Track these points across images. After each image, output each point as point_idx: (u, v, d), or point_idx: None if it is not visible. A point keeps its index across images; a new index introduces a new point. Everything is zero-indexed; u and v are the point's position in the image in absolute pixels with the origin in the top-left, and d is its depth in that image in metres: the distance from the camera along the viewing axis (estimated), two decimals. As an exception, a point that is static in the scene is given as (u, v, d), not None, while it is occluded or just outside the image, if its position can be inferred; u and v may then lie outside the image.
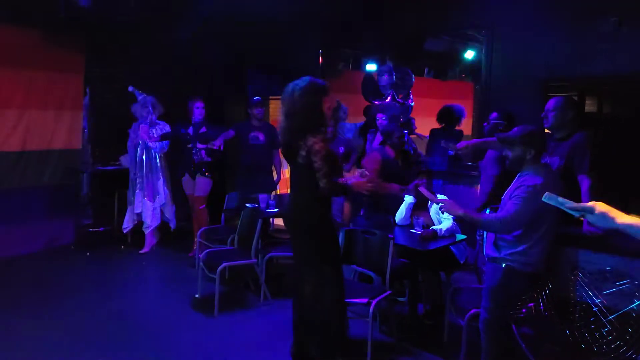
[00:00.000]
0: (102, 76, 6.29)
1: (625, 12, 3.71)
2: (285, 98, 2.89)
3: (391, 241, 3.38)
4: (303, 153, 2.78)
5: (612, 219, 1.33)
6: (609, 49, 3.80)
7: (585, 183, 3.00)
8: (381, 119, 5.04)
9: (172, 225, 5.87)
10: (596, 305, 2.41)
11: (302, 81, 2.88)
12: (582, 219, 1.43)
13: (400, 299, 4.09)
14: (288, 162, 3.05)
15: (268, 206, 4.54)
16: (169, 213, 5.79)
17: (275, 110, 8.15)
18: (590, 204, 1.41)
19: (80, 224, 6.14)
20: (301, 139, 2.78)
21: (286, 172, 7.27)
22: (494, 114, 4.04)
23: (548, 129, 3.21)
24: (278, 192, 6.03)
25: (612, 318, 2.33)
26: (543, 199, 1.58)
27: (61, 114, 5.82)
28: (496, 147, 3.59)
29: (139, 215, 5.67)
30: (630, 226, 1.26)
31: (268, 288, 4.30)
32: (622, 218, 1.30)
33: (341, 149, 5.08)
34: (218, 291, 3.99)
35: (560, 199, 1.49)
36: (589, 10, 3.91)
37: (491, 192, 3.70)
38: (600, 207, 1.38)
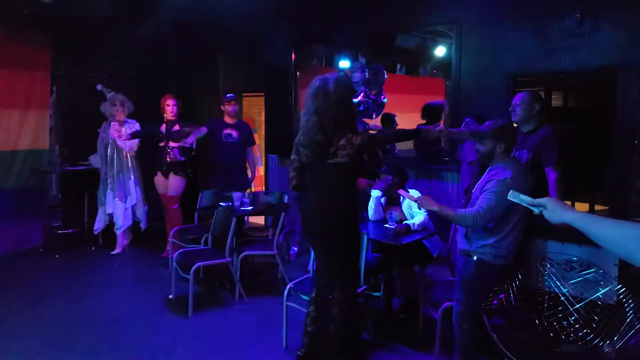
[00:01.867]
0: (70, 74, 6.14)
1: (587, 8, 3.81)
2: (318, 93, 2.75)
3: (365, 236, 3.40)
4: (350, 152, 2.72)
5: (561, 213, 1.42)
6: (573, 45, 3.90)
7: (552, 175, 3.07)
8: None
9: (142, 225, 5.77)
10: (563, 294, 2.47)
11: (335, 74, 2.81)
12: (540, 213, 1.51)
13: (375, 294, 4.12)
14: (313, 161, 2.86)
15: (242, 204, 4.49)
16: (141, 213, 5.69)
17: (249, 107, 8.11)
18: (544, 199, 1.51)
19: (49, 226, 5.98)
20: (340, 135, 2.71)
21: (260, 170, 7.23)
22: (467, 118, 4.13)
23: (515, 123, 3.28)
24: (252, 190, 5.99)
25: (579, 307, 2.39)
26: (508, 198, 1.64)
27: (27, 114, 5.66)
28: (470, 138, 3.65)
29: (111, 216, 5.56)
30: (575, 219, 1.34)
31: (243, 287, 4.27)
32: (569, 212, 1.38)
33: None
34: (192, 291, 3.94)
35: (522, 196, 1.58)
36: (553, 6, 4.00)
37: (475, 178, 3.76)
38: (552, 202, 1.47)
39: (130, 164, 5.55)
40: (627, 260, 1.20)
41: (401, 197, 3.86)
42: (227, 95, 5.28)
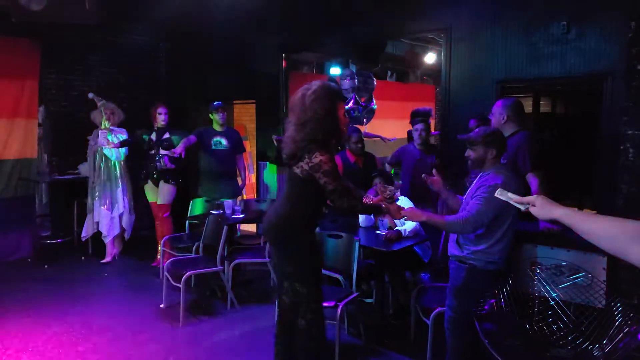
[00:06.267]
0: (58, 82, 6.10)
1: (573, 16, 3.86)
2: (295, 105, 2.62)
3: (357, 243, 3.40)
4: (306, 167, 2.54)
5: (550, 210, 1.43)
6: (560, 51, 3.95)
7: (533, 181, 3.11)
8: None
9: (126, 235, 5.73)
10: (553, 299, 2.49)
11: (313, 85, 2.62)
12: (527, 211, 1.53)
13: (367, 300, 4.12)
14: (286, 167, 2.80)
15: (234, 212, 4.48)
16: (126, 222, 5.64)
17: (239, 114, 8.10)
18: (533, 197, 1.53)
19: (37, 236, 5.92)
20: (309, 151, 2.53)
21: (252, 177, 7.22)
22: (472, 121, 4.14)
23: None
24: (244, 197, 5.97)
25: (568, 311, 2.41)
26: (495, 195, 1.67)
27: (14, 122, 5.60)
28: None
29: (98, 224, 5.52)
30: (564, 215, 1.36)
31: (235, 295, 4.26)
32: (558, 209, 1.40)
33: None
34: (184, 300, 3.91)
35: (510, 194, 1.60)
36: (540, 13, 4.05)
37: None
38: (541, 199, 1.49)
39: (118, 173, 5.52)
40: (617, 255, 1.21)
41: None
42: (215, 104, 5.26)
